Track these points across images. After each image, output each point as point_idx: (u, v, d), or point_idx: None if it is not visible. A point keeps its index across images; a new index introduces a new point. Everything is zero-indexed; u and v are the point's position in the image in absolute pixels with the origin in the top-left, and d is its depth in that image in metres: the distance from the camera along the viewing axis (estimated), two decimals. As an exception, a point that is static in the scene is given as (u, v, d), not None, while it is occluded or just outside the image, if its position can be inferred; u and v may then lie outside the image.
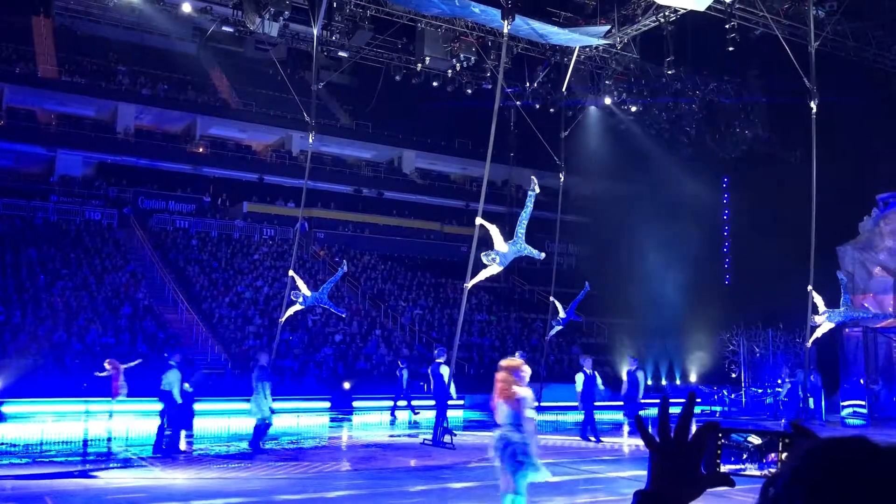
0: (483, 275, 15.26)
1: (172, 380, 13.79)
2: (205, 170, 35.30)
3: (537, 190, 14.81)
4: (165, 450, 13.53)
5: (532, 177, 15.07)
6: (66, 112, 34.44)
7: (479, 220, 15.06)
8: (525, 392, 6.22)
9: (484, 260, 14.69)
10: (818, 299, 16.28)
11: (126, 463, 12.52)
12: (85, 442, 14.61)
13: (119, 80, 35.02)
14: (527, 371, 6.33)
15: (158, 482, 10.89)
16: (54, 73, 33.91)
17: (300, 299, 18.02)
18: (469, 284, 15.47)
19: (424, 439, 15.68)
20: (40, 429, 15.50)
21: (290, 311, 18.99)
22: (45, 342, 20.91)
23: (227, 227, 32.62)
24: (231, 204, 35.26)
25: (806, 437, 1.15)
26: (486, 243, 15.29)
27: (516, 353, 17.91)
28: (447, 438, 14.97)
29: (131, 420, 16.36)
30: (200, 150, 35.65)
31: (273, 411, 14.49)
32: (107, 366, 15.35)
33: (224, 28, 23.51)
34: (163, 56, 36.76)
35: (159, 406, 14.11)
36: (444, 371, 16.12)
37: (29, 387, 17.73)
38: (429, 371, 16.88)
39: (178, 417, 14.32)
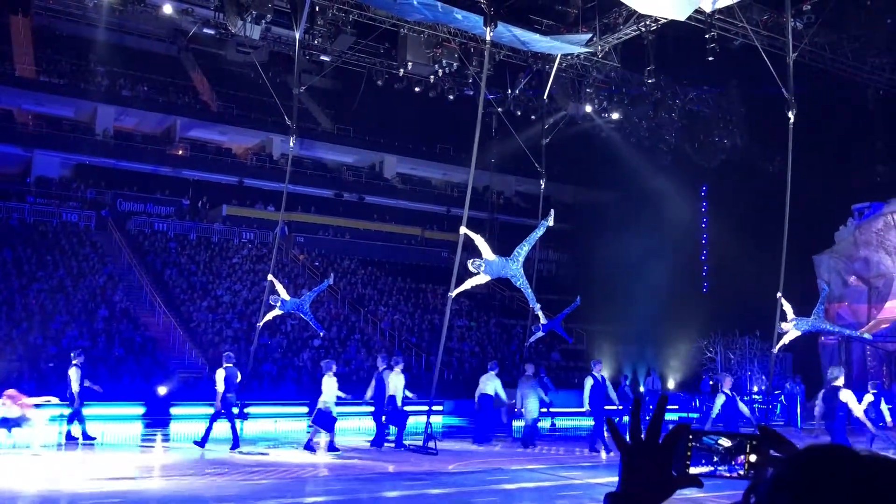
0: (469, 283, 15.24)
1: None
2: (184, 172, 35.09)
3: (551, 223, 14.85)
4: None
5: (551, 209, 15.11)
6: (43, 112, 34.10)
7: (463, 230, 15.04)
8: None
9: (470, 267, 14.69)
10: (787, 307, 16.42)
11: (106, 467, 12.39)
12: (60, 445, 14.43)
13: (98, 81, 34.73)
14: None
15: (133, 487, 10.79)
16: (32, 73, 33.57)
17: (279, 304, 17.93)
18: (454, 293, 15.45)
19: (409, 445, 15.64)
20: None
21: (269, 315, 18.89)
22: (20, 345, 20.65)
23: (206, 230, 32.42)
24: (210, 207, 35.05)
25: (772, 440, 1.17)
26: (471, 251, 15.29)
27: (489, 365, 18.01)
28: (431, 444, 14.94)
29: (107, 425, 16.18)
30: (180, 152, 35.44)
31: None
32: (4, 402, 13.53)
33: (205, 30, 23.42)
34: (143, 57, 36.50)
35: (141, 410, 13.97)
36: (395, 379, 15.73)
37: (2, 390, 17.46)
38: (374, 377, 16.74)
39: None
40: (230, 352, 15.88)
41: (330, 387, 14.77)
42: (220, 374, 14.76)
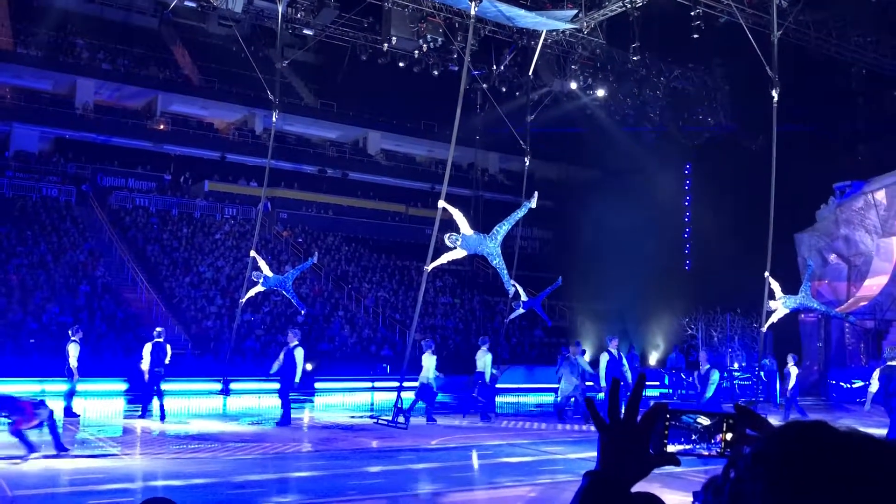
0: (445, 258, 15.28)
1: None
2: (166, 147, 34.76)
3: (534, 204, 15.12)
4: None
5: (535, 191, 15.28)
6: (21, 85, 33.57)
7: (441, 203, 15.02)
8: None
9: (447, 241, 14.72)
10: (775, 285, 16.59)
11: (83, 444, 12.36)
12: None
13: (78, 54, 34.22)
14: None
15: (116, 463, 10.78)
16: (9, 45, 32.99)
17: (261, 280, 17.88)
18: (429, 267, 15.44)
19: (380, 420, 15.72)
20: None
21: (252, 291, 18.84)
22: (0, 321, 20.51)
23: (188, 205, 32.19)
24: (192, 182, 34.79)
25: (749, 418, 1.17)
26: (450, 227, 15.29)
27: (479, 340, 18.12)
28: (401, 419, 14.99)
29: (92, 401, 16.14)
30: (161, 127, 35.07)
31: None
32: None
33: (186, 3, 23.06)
34: (123, 30, 35.96)
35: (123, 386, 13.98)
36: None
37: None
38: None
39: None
40: (161, 328, 16.29)
41: (429, 364, 16.09)
42: (147, 349, 15.17)
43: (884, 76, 28.24)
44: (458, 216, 14.74)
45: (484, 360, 17.20)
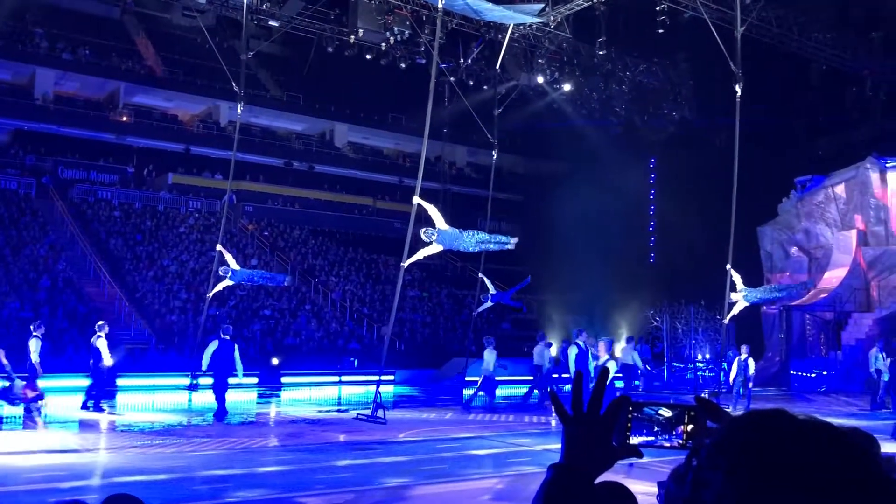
0: (421, 254, 15.30)
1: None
2: (129, 139, 34.20)
3: (512, 246, 15.61)
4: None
5: (512, 239, 15.69)
6: (-22, 75, 32.83)
7: (416, 200, 14.98)
8: None
9: (423, 236, 14.70)
10: (736, 277, 16.83)
11: (45, 439, 12.15)
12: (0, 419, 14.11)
13: (37, 44, 33.49)
14: None
15: (78, 459, 10.63)
16: (-34, 34, 32.21)
17: (229, 275, 17.73)
18: (406, 263, 15.40)
19: (358, 414, 15.66)
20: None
21: (220, 286, 18.66)
22: (-43, 316, 20.07)
23: (151, 198, 31.76)
24: (156, 175, 34.30)
25: (709, 411, 1.19)
26: (424, 222, 15.28)
27: (485, 340, 18.61)
28: (380, 413, 14.98)
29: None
30: (124, 118, 34.50)
31: None
32: None
33: (149, -8, 22.72)
34: (84, 20, 35.22)
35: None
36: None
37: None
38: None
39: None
40: (103, 321, 16.25)
41: (490, 358, 17.63)
42: (103, 344, 15.32)
43: (842, 72, 28.78)
44: (432, 211, 14.74)
45: (489, 358, 17.83)
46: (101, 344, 15.34)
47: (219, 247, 18.84)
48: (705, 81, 27.68)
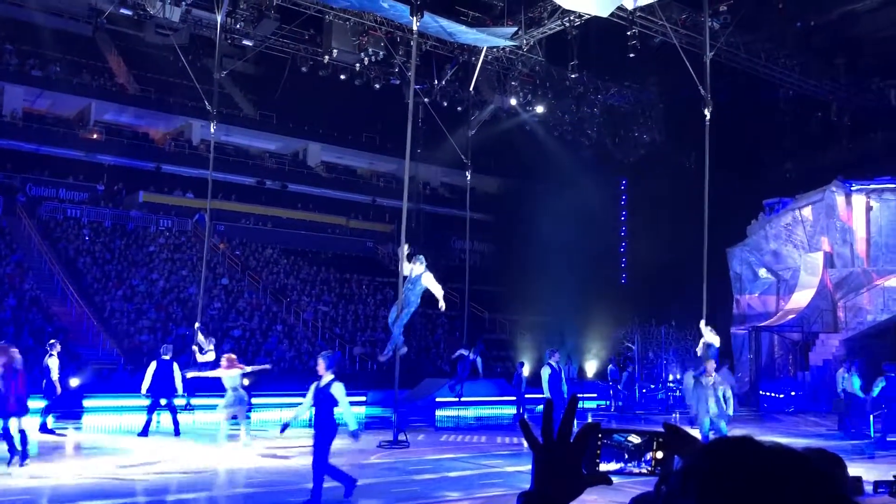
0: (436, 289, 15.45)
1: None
2: (99, 157, 33.86)
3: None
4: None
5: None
6: (-55, 91, 32.35)
7: (403, 249, 15.04)
8: None
9: (410, 261, 14.78)
10: (711, 337, 16.95)
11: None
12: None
13: (6, 60, 33.13)
14: None
15: (43, 483, 10.40)
16: (-67, 49, 31.80)
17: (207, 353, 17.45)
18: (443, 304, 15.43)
19: (381, 441, 15.10)
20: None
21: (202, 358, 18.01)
22: (-81, 336, 19.61)
23: (121, 217, 31.40)
24: (126, 193, 33.95)
25: (677, 437, 1.21)
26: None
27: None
28: (402, 437, 14.74)
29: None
30: (95, 136, 34.17)
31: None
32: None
33: (122, 10, 22.61)
34: (55, 37, 34.88)
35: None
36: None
37: None
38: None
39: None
40: (55, 340, 16.14)
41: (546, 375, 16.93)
42: (54, 363, 15.21)
43: (808, 97, 29.39)
44: (432, 283, 14.99)
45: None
46: (53, 363, 15.14)
47: (197, 324, 18.47)
48: (675, 105, 28.08)
